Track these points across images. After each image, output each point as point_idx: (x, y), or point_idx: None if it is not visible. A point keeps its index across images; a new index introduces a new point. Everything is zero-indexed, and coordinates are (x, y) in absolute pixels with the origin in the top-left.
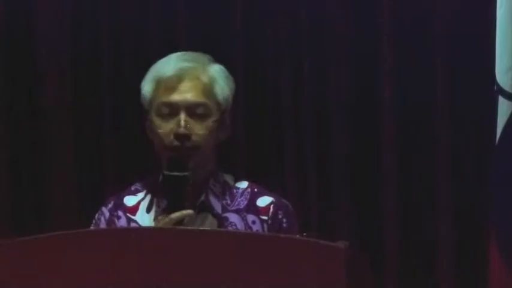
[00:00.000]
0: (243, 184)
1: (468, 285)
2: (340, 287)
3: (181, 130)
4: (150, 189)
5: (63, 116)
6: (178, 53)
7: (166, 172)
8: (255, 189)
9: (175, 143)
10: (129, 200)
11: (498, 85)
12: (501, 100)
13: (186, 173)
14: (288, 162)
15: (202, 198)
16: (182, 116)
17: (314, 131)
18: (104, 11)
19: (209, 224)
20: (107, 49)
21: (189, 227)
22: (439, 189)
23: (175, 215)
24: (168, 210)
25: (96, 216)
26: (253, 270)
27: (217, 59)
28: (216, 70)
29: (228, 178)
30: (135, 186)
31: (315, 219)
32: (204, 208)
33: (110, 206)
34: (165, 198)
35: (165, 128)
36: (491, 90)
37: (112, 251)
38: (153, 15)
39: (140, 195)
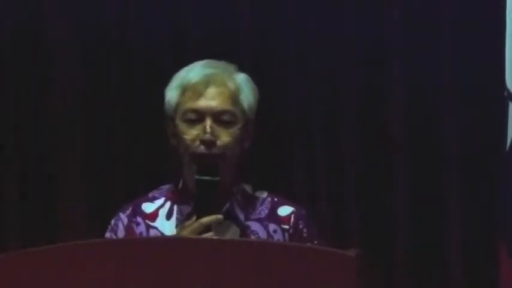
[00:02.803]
0: (263, 193)
1: (477, 281)
2: None
3: (207, 136)
4: (169, 196)
5: (71, 119)
6: (203, 61)
7: (196, 176)
8: (275, 199)
9: (201, 149)
10: (147, 207)
11: (508, 91)
12: (511, 106)
13: (217, 178)
14: (296, 165)
15: (227, 206)
16: (208, 122)
17: (323, 133)
18: (112, 11)
19: (232, 232)
20: (114, 51)
21: (191, 236)
22: (450, 194)
23: (206, 219)
24: (197, 215)
25: (113, 222)
26: (263, 279)
27: (225, 58)
28: (242, 79)
29: (247, 187)
30: (152, 194)
31: (324, 224)
32: (228, 216)
33: (128, 212)
34: (193, 203)
35: (190, 134)
36: (502, 96)
37: (122, 261)
38: (161, 15)
39: (158, 202)
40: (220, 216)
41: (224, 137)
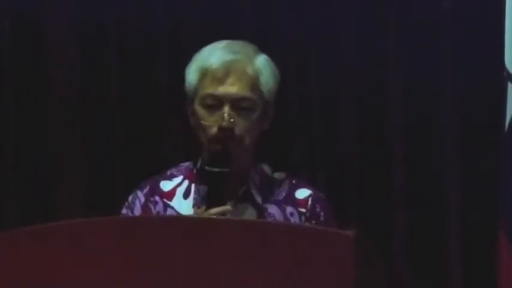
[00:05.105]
0: (281, 175)
1: (477, 271)
2: (349, 276)
3: (225, 124)
4: (187, 175)
5: (70, 111)
6: (224, 43)
7: (206, 167)
8: (293, 181)
9: (219, 136)
10: (165, 185)
11: (507, 71)
12: (510, 86)
13: (227, 169)
14: (295, 153)
15: (244, 189)
16: (226, 109)
17: (322, 122)
18: (111, 9)
19: (249, 214)
20: (114, 42)
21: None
22: (448, 176)
23: (214, 211)
24: (207, 205)
25: (130, 199)
26: (261, 259)
27: None
28: (262, 62)
29: (266, 168)
30: (171, 171)
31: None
32: (246, 199)
33: (145, 190)
34: (206, 191)
35: (209, 119)
36: (501, 77)
37: (132, 240)
38: (161, 13)
39: (176, 180)
40: (228, 207)
41: (242, 124)
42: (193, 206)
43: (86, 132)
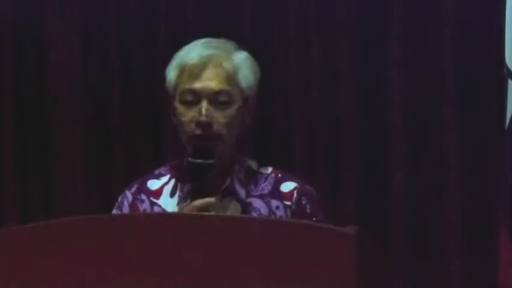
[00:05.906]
0: (267, 169)
1: (478, 270)
2: (350, 273)
3: (203, 118)
4: (174, 174)
5: (71, 109)
6: (204, 40)
7: (190, 159)
8: (279, 175)
9: (198, 131)
10: (153, 184)
11: (508, 68)
12: (511, 83)
13: (210, 161)
14: (295, 153)
15: (227, 183)
16: (204, 104)
17: (322, 121)
18: (113, 9)
19: (233, 209)
20: (114, 41)
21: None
22: (449, 171)
23: (198, 202)
24: (191, 197)
25: (120, 199)
26: (261, 256)
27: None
28: (241, 57)
29: (252, 163)
30: (159, 171)
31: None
32: (229, 193)
33: (133, 189)
34: (190, 184)
35: (187, 115)
36: (501, 74)
37: (125, 238)
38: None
39: (164, 179)
40: (212, 199)
41: (220, 119)
42: (178, 204)
43: (86, 132)
